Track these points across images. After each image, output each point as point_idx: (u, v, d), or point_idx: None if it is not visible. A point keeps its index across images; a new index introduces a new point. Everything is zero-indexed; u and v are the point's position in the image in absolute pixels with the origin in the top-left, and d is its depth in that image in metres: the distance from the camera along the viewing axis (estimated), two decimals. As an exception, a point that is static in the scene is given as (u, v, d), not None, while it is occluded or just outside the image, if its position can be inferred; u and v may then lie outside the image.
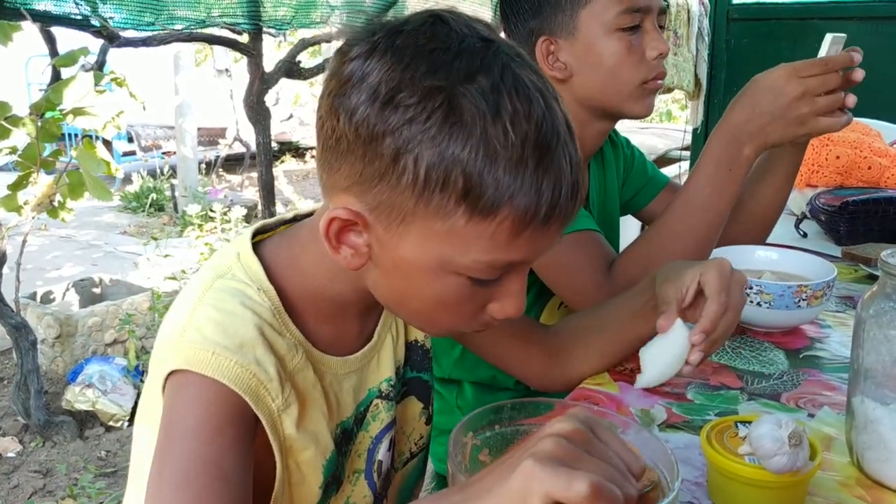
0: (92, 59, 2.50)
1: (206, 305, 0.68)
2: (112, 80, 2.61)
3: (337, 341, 0.77)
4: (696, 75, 3.17)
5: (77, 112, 2.36)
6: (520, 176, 0.59)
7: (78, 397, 2.90)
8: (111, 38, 2.34)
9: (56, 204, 2.61)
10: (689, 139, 3.38)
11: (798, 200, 1.83)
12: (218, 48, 8.08)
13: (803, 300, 1.10)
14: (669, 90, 3.29)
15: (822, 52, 1.04)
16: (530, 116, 0.60)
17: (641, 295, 0.94)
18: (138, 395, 3.06)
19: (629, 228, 2.30)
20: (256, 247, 0.74)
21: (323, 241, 0.67)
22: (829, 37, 1.04)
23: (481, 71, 0.60)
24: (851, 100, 1.03)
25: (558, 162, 0.61)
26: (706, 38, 3.14)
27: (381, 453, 0.84)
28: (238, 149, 7.51)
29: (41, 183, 2.55)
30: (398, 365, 0.86)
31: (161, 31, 2.39)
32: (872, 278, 1.41)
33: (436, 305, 0.67)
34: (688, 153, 3.52)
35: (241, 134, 7.23)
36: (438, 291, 0.65)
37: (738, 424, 0.78)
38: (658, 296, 0.88)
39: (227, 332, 0.65)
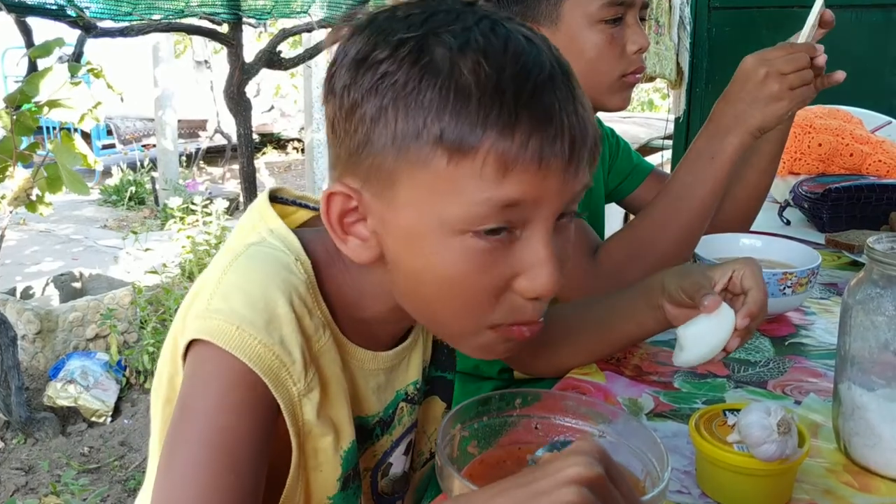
0: (68, 50, 2.46)
1: (236, 272, 0.64)
2: (89, 71, 2.57)
3: (368, 335, 0.73)
4: (677, 64, 3.16)
5: (53, 104, 2.32)
6: (495, 108, 0.55)
7: (60, 393, 2.87)
8: (87, 28, 2.30)
9: (34, 198, 2.57)
10: (671, 128, 3.38)
11: (781, 188, 1.83)
12: (197, 39, 8.00)
13: (788, 287, 1.11)
14: (651, 79, 3.28)
15: (813, 15, 1.06)
16: (506, 50, 0.57)
17: (643, 300, 0.90)
18: (121, 391, 3.04)
19: (611, 217, 2.30)
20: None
21: (330, 233, 0.64)
22: (819, 1, 1.06)
23: (457, 22, 0.59)
24: (841, 75, 1.06)
25: (543, 96, 0.57)
26: (688, 27, 3.14)
27: (395, 456, 0.81)
28: (219, 141, 7.45)
29: (18, 177, 2.51)
30: (425, 366, 0.83)
31: (139, 21, 2.35)
32: (856, 265, 1.42)
33: (449, 284, 0.61)
34: (670, 142, 3.52)
35: (221, 126, 7.17)
36: (450, 261, 0.59)
37: (727, 412, 0.78)
38: (683, 290, 0.84)
39: (255, 305, 0.61)
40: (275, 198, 0.76)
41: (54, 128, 5.26)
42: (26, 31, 2.45)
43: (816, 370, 1.02)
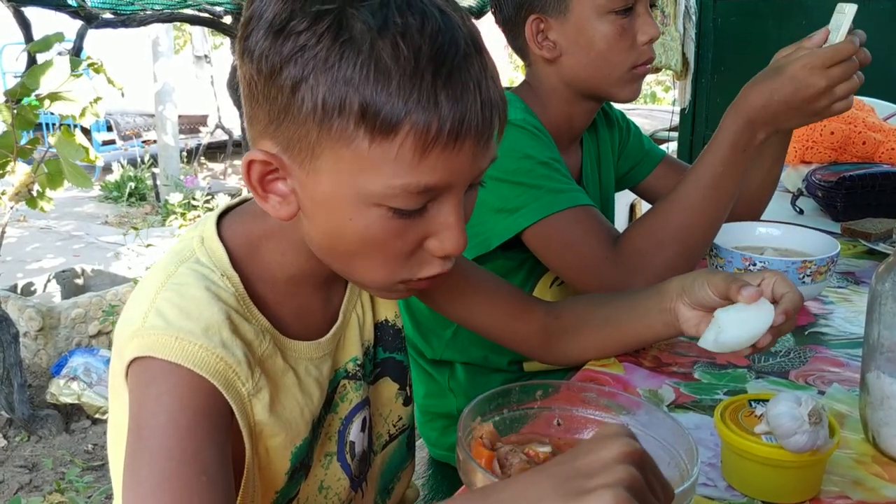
0: (68, 45, 2.43)
1: (169, 290, 0.66)
2: (89, 66, 2.54)
3: (303, 325, 0.75)
4: (683, 55, 3.13)
5: (54, 97, 2.30)
6: (415, 90, 0.57)
7: (63, 390, 2.85)
8: (89, 19, 2.27)
9: (35, 193, 2.55)
10: (676, 120, 3.35)
11: (793, 177, 1.81)
12: (197, 34, 7.97)
13: (807, 276, 1.08)
14: (657, 70, 3.25)
15: (844, 27, 1.01)
16: (423, 30, 0.58)
17: (655, 301, 0.88)
18: (124, 387, 3.02)
19: (619, 205, 2.27)
20: (220, 227, 0.72)
21: (252, 193, 0.66)
22: (846, 7, 1.02)
23: None
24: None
25: (460, 76, 0.59)
26: (693, 17, 3.11)
27: (353, 434, 0.82)
28: (220, 136, 7.42)
29: (19, 172, 2.48)
30: (367, 345, 0.84)
31: (140, 12, 2.33)
32: (872, 254, 1.40)
33: (365, 245, 0.64)
34: (675, 134, 3.49)
35: (222, 121, 7.15)
36: (363, 227, 0.63)
37: (753, 403, 0.76)
38: (711, 286, 0.81)
39: (190, 315, 0.63)
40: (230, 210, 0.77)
41: (54, 124, 5.23)
42: (25, 25, 2.42)
43: (838, 360, 0.99)
